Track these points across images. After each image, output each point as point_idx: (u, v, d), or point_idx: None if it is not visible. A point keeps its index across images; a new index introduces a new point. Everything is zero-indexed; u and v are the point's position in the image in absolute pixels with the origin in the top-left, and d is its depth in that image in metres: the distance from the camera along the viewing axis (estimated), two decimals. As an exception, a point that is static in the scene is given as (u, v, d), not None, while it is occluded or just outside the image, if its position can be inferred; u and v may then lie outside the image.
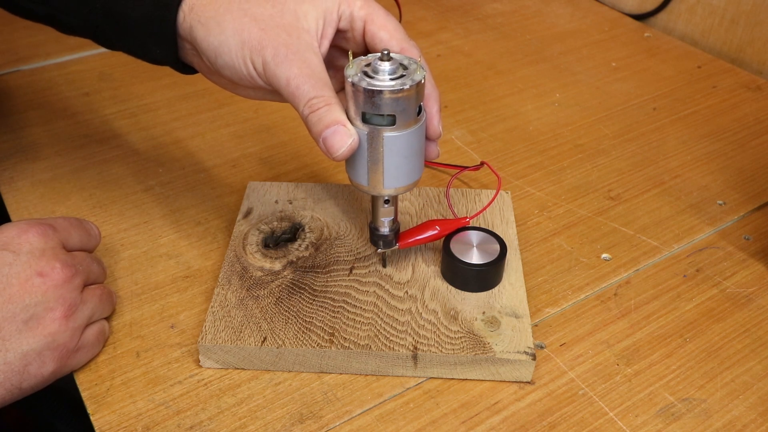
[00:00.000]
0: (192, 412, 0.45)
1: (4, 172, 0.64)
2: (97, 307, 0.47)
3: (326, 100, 0.42)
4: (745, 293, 0.54)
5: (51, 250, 0.45)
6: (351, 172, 0.46)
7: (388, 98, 0.41)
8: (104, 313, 0.49)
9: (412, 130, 0.43)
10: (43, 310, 0.43)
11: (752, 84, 0.81)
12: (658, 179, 0.66)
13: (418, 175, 0.46)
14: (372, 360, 0.47)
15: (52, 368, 0.43)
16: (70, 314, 0.44)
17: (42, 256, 0.44)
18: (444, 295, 0.50)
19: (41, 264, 0.43)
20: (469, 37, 0.90)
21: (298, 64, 0.43)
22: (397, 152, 0.43)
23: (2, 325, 0.41)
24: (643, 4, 0.96)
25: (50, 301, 0.43)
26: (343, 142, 0.42)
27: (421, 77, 0.42)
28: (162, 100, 0.75)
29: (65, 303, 0.44)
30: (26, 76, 0.79)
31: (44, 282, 0.43)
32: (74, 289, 0.45)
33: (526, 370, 0.47)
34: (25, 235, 0.44)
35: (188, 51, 0.47)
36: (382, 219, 0.49)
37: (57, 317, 0.43)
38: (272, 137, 0.70)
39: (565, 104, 0.77)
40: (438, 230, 0.52)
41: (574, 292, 0.54)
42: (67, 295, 0.44)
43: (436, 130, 0.46)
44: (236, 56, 0.44)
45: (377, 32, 0.45)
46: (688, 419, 0.45)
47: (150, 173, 0.65)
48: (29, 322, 0.42)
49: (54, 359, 0.43)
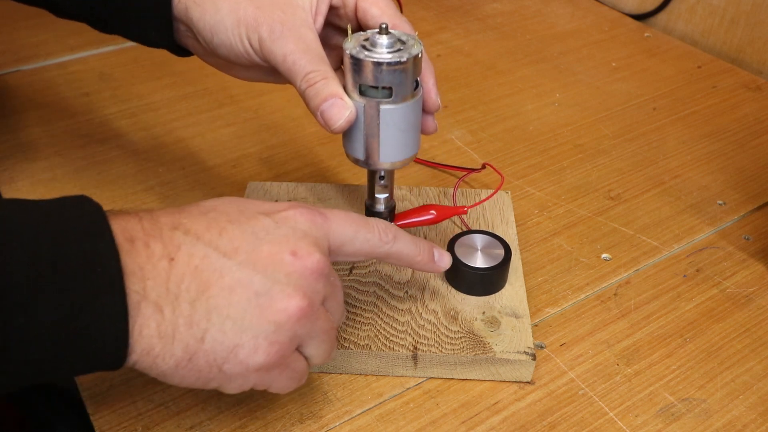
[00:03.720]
0: (192, 412, 0.45)
1: (4, 172, 0.64)
2: (319, 336, 0.38)
3: (323, 74, 0.43)
4: (745, 293, 0.54)
5: (314, 238, 0.38)
6: (347, 146, 0.46)
7: (386, 70, 0.41)
8: (317, 352, 0.39)
9: (409, 103, 0.44)
10: (279, 293, 0.35)
11: (752, 84, 0.81)
12: (658, 179, 0.66)
13: (414, 150, 0.46)
14: (372, 360, 0.47)
15: (262, 360, 0.36)
16: (302, 314, 0.36)
17: (303, 238, 0.37)
18: (444, 295, 0.50)
19: (300, 244, 0.37)
20: (469, 37, 0.90)
21: (294, 40, 0.43)
22: (393, 125, 0.44)
23: (234, 286, 0.35)
24: (643, 4, 0.96)
25: (291, 286, 0.36)
26: (340, 114, 0.42)
27: (418, 51, 0.42)
28: (162, 100, 0.75)
29: (305, 297, 0.36)
30: (26, 76, 0.79)
31: (294, 263, 0.36)
32: (318, 292, 0.37)
33: (526, 370, 0.47)
34: (293, 210, 0.38)
35: (183, 33, 0.48)
36: (377, 196, 0.49)
37: (289, 308, 0.35)
38: (272, 137, 0.70)
39: (565, 104, 0.77)
40: (434, 215, 0.52)
41: (574, 292, 0.54)
42: (309, 291, 0.36)
43: (434, 102, 0.46)
44: (232, 34, 0.44)
45: (369, 9, 0.46)
46: (688, 419, 0.45)
47: (150, 173, 0.65)
48: (261, 297, 0.35)
49: (267, 351, 0.35)
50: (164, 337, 0.33)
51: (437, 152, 0.68)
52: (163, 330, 0.33)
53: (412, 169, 0.66)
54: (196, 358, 0.35)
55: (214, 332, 0.34)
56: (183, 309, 0.34)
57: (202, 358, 0.35)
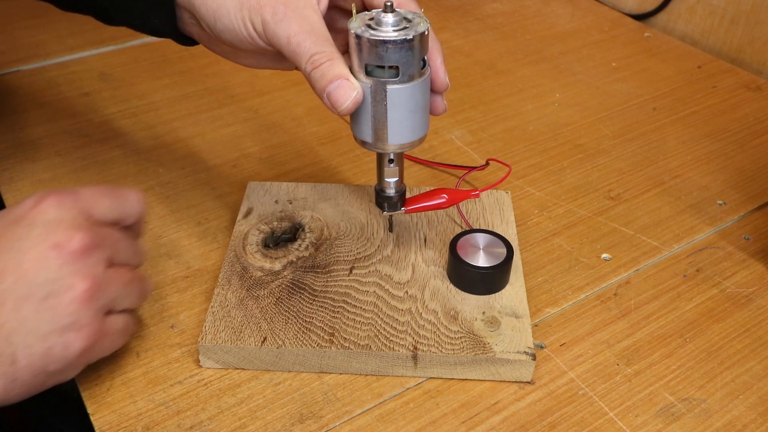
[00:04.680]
0: (192, 412, 0.45)
1: (4, 172, 0.64)
2: (122, 292, 0.42)
3: (328, 56, 0.42)
4: (745, 293, 0.54)
5: (70, 220, 0.40)
6: (355, 129, 0.45)
7: (392, 49, 0.41)
8: (131, 302, 0.43)
9: (417, 82, 0.43)
10: (61, 287, 0.38)
11: (752, 84, 0.81)
12: (658, 179, 0.66)
13: (423, 131, 0.45)
14: (372, 360, 0.47)
15: (79, 348, 0.39)
16: (91, 294, 0.39)
17: (58, 227, 0.39)
18: (444, 295, 0.50)
19: (57, 234, 0.39)
20: (469, 37, 0.90)
21: (298, 21, 0.42)
22: (401, 106, 0.43)
23: (18, 305, 0.37)
24: (643, 4, 0.96)
25: (68, 277, 0.38)
26: (347, 95, 0.42)
27: (424, 28, 0.41)
28: (162, 99, 0.75)
29: (86, 279, 0.39)
30: (26, 76, 0.79)
31: (60, 254, 0.38)
32: (96, 264, 0.40)
33: (526, 370, 0.47)
34: (41, 204, 0.40)
35: (187, 21, 0.48)
36: (387, 180, 0.49)
37: (77, 295, 0.38)
38: (272, 137, 0.70)
39: (565, 104, 0.77)
40: (445, 199, 0.51)
41: (574, 292, 0.54)
42: (86, 270, 0.39)
43: (443, 81, 0.45)
44: (235, 18, 0.44)
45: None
46: (688, 419, 0.45)
47: (150, 173, 0.65)
48: (47, 301, 0.38)
49: (79, 339, 0.39)
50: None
51: (437, 152, 0.68)
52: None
53: (413, 168, 0.66)
54: (19, 377, 0.38)
55: (21, 350, 0.38)
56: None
57: (25, 373, 0.38)
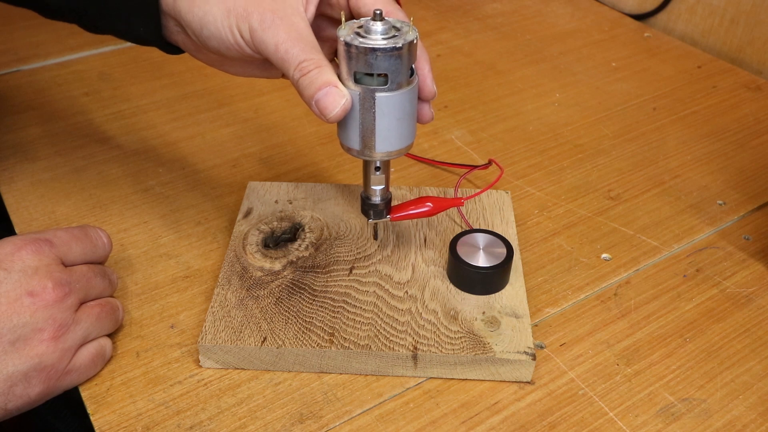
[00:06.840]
0: (192, 412, 0.45)
1: (4, 172, 0.64)
2: (93, 326, 0.45)
3: (316, 63, 0.42)
4: (745, 293, 0.54)
5: (45, 268, 0.43)
6: (342, 136, 0.45)
7: (381, 57, 0.41)
8: (102, 331, 0.46)
9: (405, 91, 0.43)
10: (31, 331, 0.41)
11: (752, 84, 0.81)
12: (658, 179, 0.66)
13: (410, 139, 0.46)
14: (372, 360, 0.47)
15: (39, 390, 0.42)
16: (59, 335, 0.42)
17: (34, 275, 0.42)
18: (444, 295, 0.50)
19: (32, 283, 0.42)
20: (469, 37, 0.90)
21: (286, 29, 0.42)
22: (389, 114, 0.43)
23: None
24: (643, 4, 0.96)
25: (39, 322, 0.42)
26: (336, 102, 0.42)
27: (413, 37, 0.42)
28: (162, 100, 0.75)
29: (55, 324, 0.42)
30: (26, 76, 0.79)
31: (34, 302, 0.42)
32: (66, 309, 0.43)
33: (526, 370, 0.47)
34: (19, 252, 0.43)
35: (172, 28, 0.47)
36: (373, 187, 0.49)
37: (45, 338, 0.42)
38: (272, 137, 0.70)
39: (565, 104, 0.77)
40: (430, 207, 0.51)
41: (574, 292, 0.54)
42: (57, 315, 0.42)
43: (430, 89, 0.46)
44: (222, 25, 0.43)
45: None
46: (688, 419, 0.45)
47: (150, 173, 0.65)
48: (16, 343, 0.41)
49: (41, 381, 0.42)
50: None
51: (437, 152, 0.68)
52: None
53: (413, 168, 0.66)
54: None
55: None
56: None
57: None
